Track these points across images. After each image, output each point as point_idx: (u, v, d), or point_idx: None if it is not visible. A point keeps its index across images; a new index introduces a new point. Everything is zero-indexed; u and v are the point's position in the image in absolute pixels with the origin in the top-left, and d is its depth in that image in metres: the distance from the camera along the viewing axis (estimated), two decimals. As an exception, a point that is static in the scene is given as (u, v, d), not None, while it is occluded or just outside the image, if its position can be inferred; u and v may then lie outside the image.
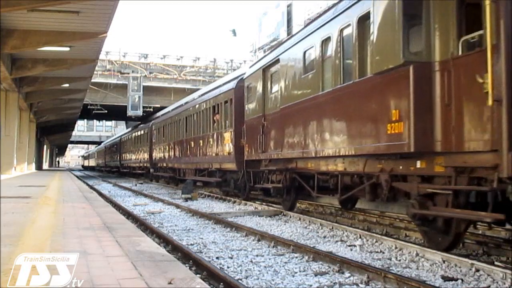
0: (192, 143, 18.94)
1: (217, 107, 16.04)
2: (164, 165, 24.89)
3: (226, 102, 15.06)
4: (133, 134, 35.56)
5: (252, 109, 12.48)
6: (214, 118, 16.18)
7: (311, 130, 8.78)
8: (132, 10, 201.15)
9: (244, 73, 14.36)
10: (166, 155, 24.02)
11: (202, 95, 21.23)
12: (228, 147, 14.43)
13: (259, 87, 11.87)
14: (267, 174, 11.64)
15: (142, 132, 32.00)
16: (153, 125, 28.32)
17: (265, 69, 11.59)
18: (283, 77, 10.24)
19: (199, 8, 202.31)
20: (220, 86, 18.53)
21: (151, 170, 28.19)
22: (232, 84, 15.10)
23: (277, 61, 10.77)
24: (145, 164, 30.06)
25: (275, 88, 10.94)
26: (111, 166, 49.24)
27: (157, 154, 26.58)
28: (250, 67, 14.53)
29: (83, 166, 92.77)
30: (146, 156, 29.53)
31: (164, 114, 28.38)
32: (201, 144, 17.58)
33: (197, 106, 18.82)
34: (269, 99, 11.34)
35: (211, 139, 16.37)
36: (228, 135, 14.55)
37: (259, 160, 12.08)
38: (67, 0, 12.30)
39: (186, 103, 24.24)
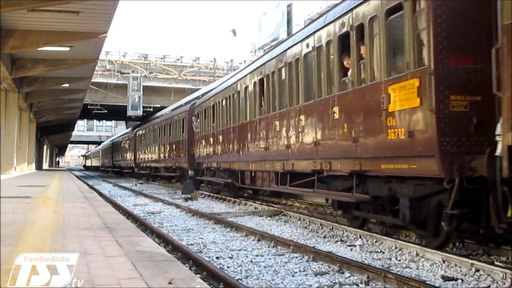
0: (277, 124, 10.35)
1: (355, 34, 7.34)
2: (215, 165, 16.46)
3: (392, 9, 6.47)
4: (157, 126, 27.54)
5: None
6: (352, 56, 7.47)
7: None
8: (132, 10, 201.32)
9: None
10: (219, 149, 15.62)
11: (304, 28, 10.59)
12: (408, 119, 6.11)
13: None
14: None
15: (173, 120, 23.75)
16: (196, 107, 20.00)
17: None
18: None
19: (199, 8, 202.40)
20: None
21: (190, 173, 19.88)
22: None
23: None
24: (177, 164, 22.47)
25: None
26: (121, 166, 41.49)
27: (201, 150, 18.11)
28: None
29: (84, 166, 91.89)
30: (180, 152, 21.87)
31: (214, 88, 18.99)
32: (302, 122, 9.08)
33: (289, 51, 9.87)
34: None
35: (335, 109, 7.76)
36: (407, 89, 6.10)
37: None
38: (67, 0, 12.31)
39: (262, 55, 15.22)
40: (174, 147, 22.95)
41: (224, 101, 15.14)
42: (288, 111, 9.85)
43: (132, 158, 34.89)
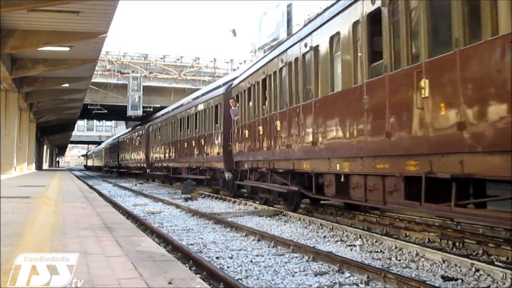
0: (425, 85, 5.51)
1: None
2: (265, 165, 11.71)
3: None
4: (178, 117, 22.57)
5: None
6: None
7: None
8: (132, 10, 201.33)
9: None
10: (273, 142, 11.04)
11: None
12: None
13: None
14: None
15: (201, 108, 18.61)
16: (233, 88, 15.01)
17: None
18: None
19: (199, 8, 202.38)
20: None
21: (227, 175, 15.42)
22: None
23: None
24: (207, 164, 17.69)
25: None
26: (128, 166, 37.28)
27: (243, 144, 13.39)
28: None
29: (85, 166, 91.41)
30: (212, 149, 16.77)
31: (264, 57, 13.14)
32: None
33: None
34: None
35: None
36: None
37: None
38: (67, 0, 12.32)
39: None
40: (202, 143, 17.89)
41: (284, 69, 10.34)
42: (461, 55, 4.97)
43: (144, 157, 30.08)
